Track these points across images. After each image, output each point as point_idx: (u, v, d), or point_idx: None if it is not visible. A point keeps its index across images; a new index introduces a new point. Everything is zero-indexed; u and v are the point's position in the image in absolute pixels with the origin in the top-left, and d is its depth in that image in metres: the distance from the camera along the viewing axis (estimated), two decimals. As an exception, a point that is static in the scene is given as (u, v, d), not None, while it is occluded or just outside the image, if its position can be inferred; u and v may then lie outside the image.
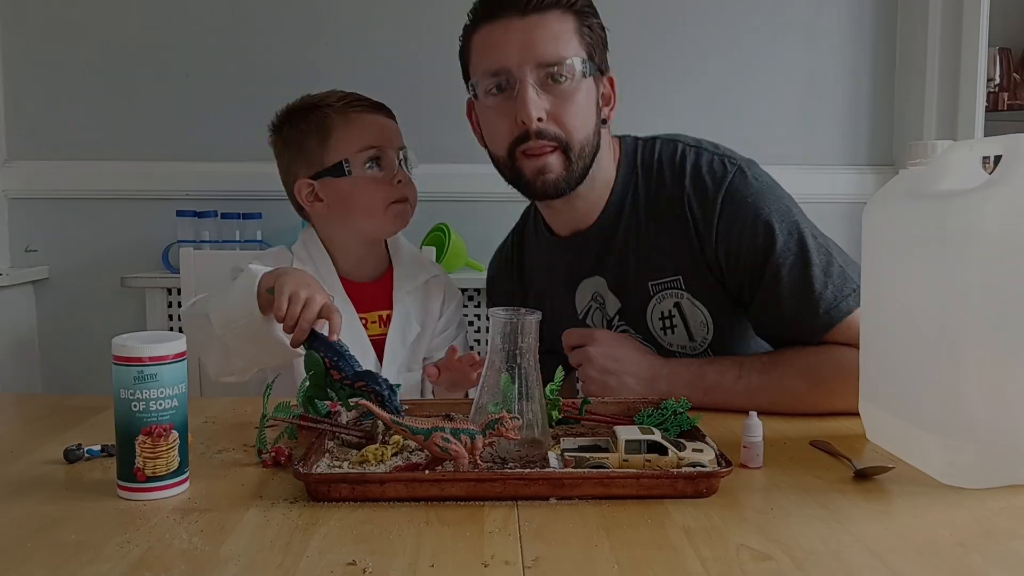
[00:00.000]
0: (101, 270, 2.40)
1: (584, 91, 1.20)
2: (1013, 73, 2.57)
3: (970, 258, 0.83)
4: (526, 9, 1.17)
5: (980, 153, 0.92)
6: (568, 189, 1.23)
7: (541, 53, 1.17)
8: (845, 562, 0.69)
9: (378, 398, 0.98)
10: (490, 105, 1.23)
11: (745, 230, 1.20)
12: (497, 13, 1.20)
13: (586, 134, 1.21)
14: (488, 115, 1.25)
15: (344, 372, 1.03)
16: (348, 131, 1.43)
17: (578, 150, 1.20)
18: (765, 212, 1.20)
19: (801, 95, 2.44)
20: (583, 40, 1.21)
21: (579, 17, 1.21)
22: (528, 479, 0.82)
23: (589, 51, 1.22)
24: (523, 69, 1.17)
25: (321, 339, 1.09)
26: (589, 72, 1.21)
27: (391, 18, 2.38)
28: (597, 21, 1.25)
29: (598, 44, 1.24)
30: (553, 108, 1.18)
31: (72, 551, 0.71)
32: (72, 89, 2.39)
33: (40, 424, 1.13)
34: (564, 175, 1.21)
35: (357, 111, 1.44)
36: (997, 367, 0.84)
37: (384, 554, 0.70)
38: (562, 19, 1.19)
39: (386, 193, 1.43)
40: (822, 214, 2.48)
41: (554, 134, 1.19)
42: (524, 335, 0.94)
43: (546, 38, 1.17)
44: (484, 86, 1.22)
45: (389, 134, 1.46)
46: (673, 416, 1.01)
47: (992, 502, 0.82)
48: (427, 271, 1.57)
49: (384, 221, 1.46)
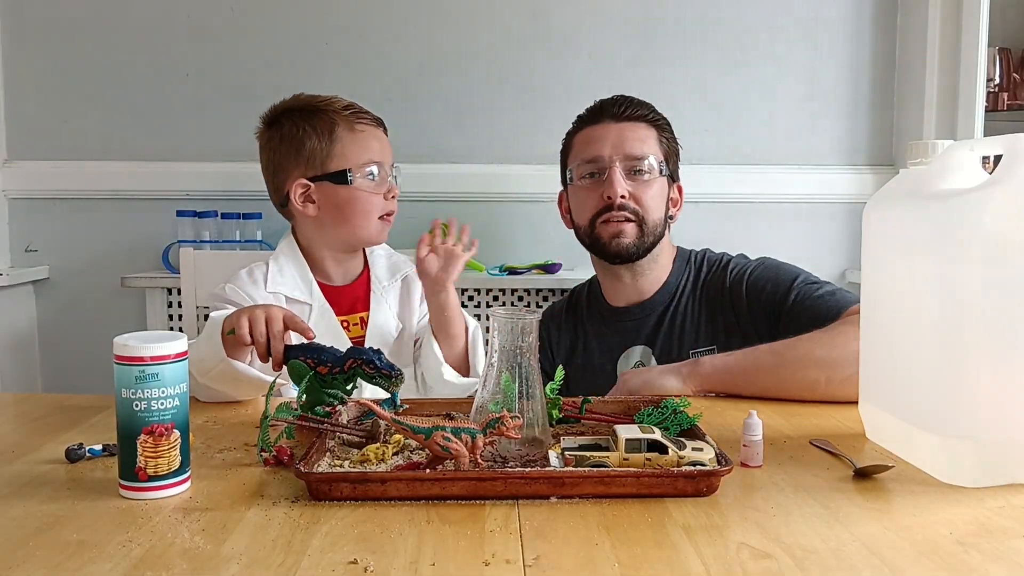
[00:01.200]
0: (101, 270, 2.40)
1: (658, 185, 1.51)
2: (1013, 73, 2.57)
3: (970, 258, 0.83)
4: (620, 117, 1.51)
5: (980, 153, 0.92)
6: (638, 255, 1.50)
7: (629, 149, 1.49)
8: (845, 561, 0.69)
9: (371, 366, 1.01)
10: (583, 186, 1.52)
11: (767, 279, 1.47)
12: (598, 118, 1.53)
13: (658, 216, 1.50)
14: (579, 194, 1.54)
15: (330, 363, 1.04)
16: (355, 143, 1.48)
17: (651, 226, 1.49)
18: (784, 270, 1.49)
19: (801, 95, 2.44)
20: (661, 147, 1.53)
21: (660, 130, 1.54)
22: (529, 478, 0.82)
23: (666, 156, 1.53)
24: (613, 159, 1.48)
25: (295, 347, 1.10)
26: (664, 172, 1.51)
27: (391, 18, 2.38)
28: (672, 136, 1.56)
29: (672, 154, 1.55)
30: (634, 190, 1.48)
31: (74, 550, 0.71)
32: (72, 89, 2.39)
33: (41, 424, 1.13)
34: (636, 242, 1.49)
35: (363, 124, 1.50)
36: (997, 367, 0.84)
37: (385, 553, 0.70)
38: (647, 128, 1.52)
39: (380, 206, 1.50)
40: (822, 214, 2.51)
41: (633, 208, 1.48)
42: (525, 335, 0.94)
43: (634, 139, 1.50)
44: (580, 171, 1.53)
45: (387, 151, 1.52)
46: (673, 415, 1.01)
47: (992, 501, 0.82)
48: (404, 268, 1.62)
49: (374, 232, 1.52)
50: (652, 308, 1.53)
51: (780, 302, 1.42)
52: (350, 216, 1.48)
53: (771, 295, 1.44)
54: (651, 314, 1.53)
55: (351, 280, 1.56)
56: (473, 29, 2.37)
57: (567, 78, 2.39)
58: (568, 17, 2.39)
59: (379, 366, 1.02)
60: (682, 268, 1.56)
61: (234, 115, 2.37)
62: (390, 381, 1.03)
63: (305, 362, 1.06)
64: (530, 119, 2.40)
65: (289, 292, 1.50)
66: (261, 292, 1.48)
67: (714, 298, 1.50)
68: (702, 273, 1.54)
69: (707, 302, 1.51)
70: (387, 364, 1.02)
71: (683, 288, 1.54)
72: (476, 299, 2.32)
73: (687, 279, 1.54)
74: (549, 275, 2.28)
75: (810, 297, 1.40)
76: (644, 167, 1.48)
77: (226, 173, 2.36)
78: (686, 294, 1.53)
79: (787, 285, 1.43)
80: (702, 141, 2.41)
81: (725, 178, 2.40)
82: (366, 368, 1.02)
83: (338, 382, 1.04)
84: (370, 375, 1.03)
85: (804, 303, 1.39)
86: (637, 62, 2.39)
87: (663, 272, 1.55)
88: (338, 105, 1.49)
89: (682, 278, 1.55)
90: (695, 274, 1.55)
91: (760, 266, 1.50)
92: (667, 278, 1.55)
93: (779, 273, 1.47)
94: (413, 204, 2.36)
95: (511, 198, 2.41)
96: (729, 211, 2.42)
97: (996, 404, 0.84)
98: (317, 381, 1.05)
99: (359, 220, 1.49)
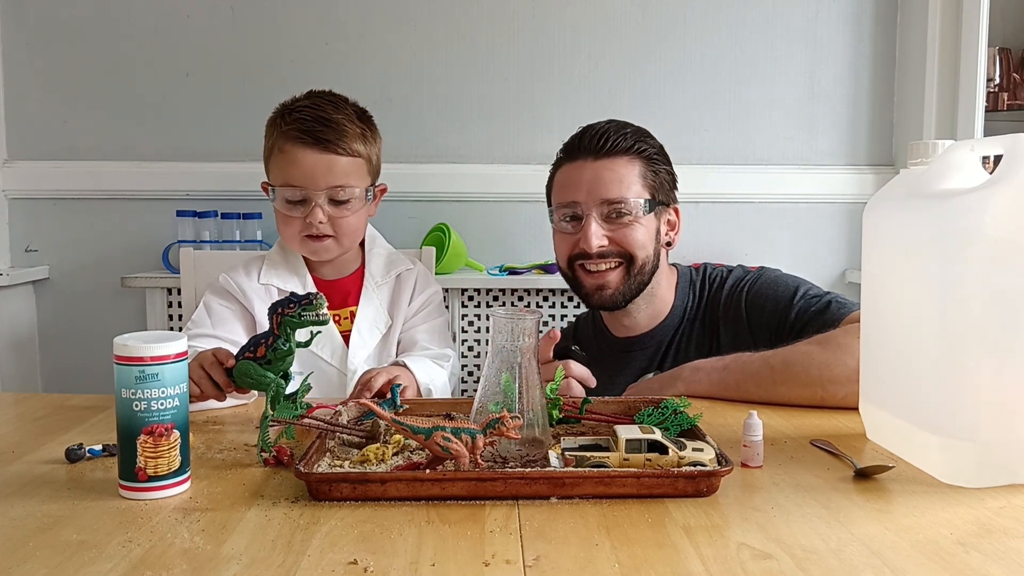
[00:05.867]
0: (101, 270, 2.40)
1: (642, 225, 1.41)
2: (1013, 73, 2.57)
3: (970, 258, 0.83)
4: (599, 153, 1.40)
5: (980, 153, 0.92)
6: (624, 302, 1.44)
7: (605, 193, 1.39)
8: (845, 561, 0.69)
9: (291, 307, 0.97)
10: (563, 229, 1.45)
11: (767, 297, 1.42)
12: (575, 155, 1.43)
13: (646, 254, 1.42)
14: (558, 237, 1.48)
15: (262, 340, 1.01)
16: (278, 161, 1.47)
17: (639, 265, 1.41)
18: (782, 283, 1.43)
19: (801, 95, 2.44)
20: (646, 182, 1.42)
21: (646, 162, 1.43)
22: (529, 478, 0.82)
23: (652, 191, 1.43)
24: (589, 205, 1.39)
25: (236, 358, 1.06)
26: (646, 211, 1.41)
27: (392, 18, 2.38)
28: (663, 166, 1.46)
29: (662, 185, 1.45)
30: (614, 235, 1.40)
31: (74, 550, 0.71)
32: (72, 89, 2.39)
33: (41, 424, 1.13)
34: (621, 289, 1.42)
35: (293, 144, 1.44)
36: (997, 367, 0.84)
37: (385, 553, 0.70)
38: (628, 163, 1.41)
39: (300, 227, 1.47)
40: (822, 214, 2.51)
41: (617, 252, 1.40)
42: (524, 335, 0.94)
43: (612, 180, 1.39)
44: (558, 214, 1.45)
45: (316, 176, 1.44)
46: (673, 415, 1.01)
47: (992, 502, 0.82)
48: (400, 266, 1.61)
49: (299, 249, 1.52)
50: (661, 336, 1.49)
51: (782, 318, 1.39)
52: (280, 227, 1.51)
53: (771, 313, 1.40)
54: (660, 342, 1.49)
55: (344, 275, 1.58)
56: (473, 29, 2.37)
57: (567, 78, 2.39)
58: (568, 17, 2.39)
59: (297, 300, 0.97)
60: (686, 292, 1.51)
61: (234, 115, 2.37)
62: (313, 307, 0.98)
63: (243, 357, 1.02)
64: (530, 119, 2.40)
65: (281, 284, 1.52)
66: (253, 283, 1.52)
67: (715, 317, 1.47)
68: (705, 293, 1.50)
69: (709, 322, 1.48)
70: (301, 296, 0.98)
71: (690, 313, 1.49)
72: (476, 299, 2.32)
73: (692, 304, 1.50)
74: (549, 275, 2.28)
75: (810, 312, 1.36)
76: (625, 209, 1.39)
77: (226, 173, 2.36)
78: (692, 319, 1.49)
79: (787, 301, 1.39)
80: (702, 141, 2.41)
81: (725, 178, 2.40)
82: (288, 311, 0.98)
83: (280, 350, 1.00)
84: (296, 316, 0.98)
85: (805, 317, 1.36)
86: (637, 62, 2.39)
87: (664, 303, 1.49)
88: (291, 118, 1.45)
89: (687, 302, 1.50)
90: (698, 297, 1.50)
91: (759, 280, 1.45)
92: (672, 304, 1.50)
93: (777, 289, 1.42)
94: (413, 204, 2.37)
95: (511, 198, 2.41)
96: (729, 211, 2.42)
97: (996, 404, 0.84)
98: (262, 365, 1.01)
99: (284, 233, 1.51)
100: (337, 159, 1.44)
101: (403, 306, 1.58)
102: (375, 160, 1.53)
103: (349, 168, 1.46)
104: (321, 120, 1.44)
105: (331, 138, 1.43)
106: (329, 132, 1.43)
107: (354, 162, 1.47)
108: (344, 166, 1.45)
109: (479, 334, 2.32)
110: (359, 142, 1.47)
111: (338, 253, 1.52)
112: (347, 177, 1.46)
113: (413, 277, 1.60)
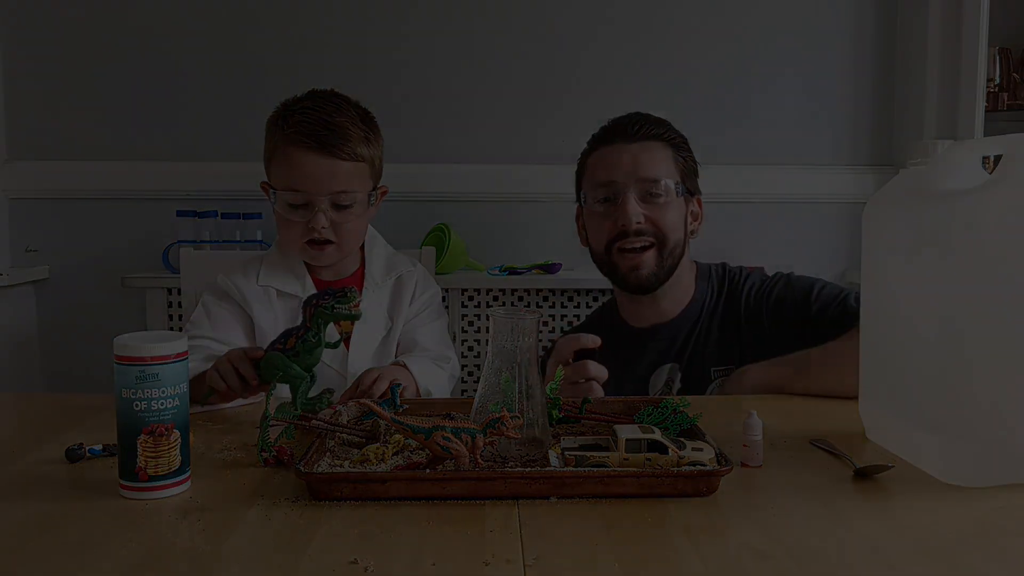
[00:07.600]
0: (101, 270, 2.40)
1: (675, 207, 1.46)
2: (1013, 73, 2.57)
3: (970, 258, 0.83)
4: (634, 137, 1.46)
5: (980, 153, 0.92)
6: (656, 284, 1.46)
7: (643, 172, 1.44)
8: (845, 560, 0.69)
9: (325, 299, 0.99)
10: (598, 211, 1.47)
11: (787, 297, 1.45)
12: (611, 139, 1.48)
13: (677, 237, 1.46)
14: (594, 219, 1.49)
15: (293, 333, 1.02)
16: (280, 164, 1.44)
17: (670, 248, 1.45)
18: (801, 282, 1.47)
19: (801, 95, 2.44)
20: (677, 166, 1.48)
21: (675, 149, 1.49)
22: (529, 478, 0.82)
23: (682, 175, 1.48)
24: (627, 183, 1.43)
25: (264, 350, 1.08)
26: (680, 192, 1.46)
27: (392, 19, 2.38)
28: (689, 154, 1.52)
29: (689, 172, 1.51)
30: (650, 214, 1.44)
31: (74, 550, 0.71)
32: (72, 89, 2.39)
33: (41, 424, 1.13)
34: (655, 271, 1.45)
35: (296, 147, 1.41)
36: (997, 367, 0.84)
37: (385, 553, 0.70)
38: (662, 148, 1.47)
39: (301, 232, 1.44)
40: (822, 214, 2.51)
41: (651, 232, 1.44)
42: (524, 335, 0.94)
43: (648, 161, 1.45)
44: (594, 195, 1.48)
45: (318, 181, 1.41)
46: (673, 415, 1.01)
47: (992, 501, 0.82)
48: (400, 267, 1.59)
49: (299, 254, 1.50)
50: (680, 327, 1.50)
51: (803, 313, 1.41)
52: (280, 230, 1.49)
53: (793, 310, 1.43)
54: (679, 333, 1.50)
55: (344, 276, 1.55)
56: (474, 29, 2.37)
57: (568, 78, 2.40)
58: (569, 17, 2.39)
59: (331, 293, 0.99)
60: (705, 285, 1.53)
61: (234, 115, 2.37)
62: (347, 300, 0.99)
63: (274, 351, 1.04)
64: (530, 119, 2.40)
65: (280, 286, 1.50)
66: (251, 285, 1.49)
67: (734, 316, 1.48)
68: (724, 289, 1.52)
69: (728, 320, 1.49)
70: (336, 290, 0.99)
71: (709, 306, 1.51)
72: (476, 299, 2.32)
73: (711, 297, 1.52)
74: (549, 275, 2.28)
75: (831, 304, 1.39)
76: (659, 190, 1.44)
77: (226, 173, 2.36)
78: (711, 312, 1.51)
79: (807, 296, 1.42)
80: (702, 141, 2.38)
81: (725, 178, 2.40)
82: (321, 304, 0.99)
83: (309, 343, 1.01)
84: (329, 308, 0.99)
85: (826, 312, 1.39)
86: (637, 62, 2.40)
87: (685, 292, 1.51)
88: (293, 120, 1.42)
89: (707, 296, 1.52)
90: (717, 291, 1.52)
91: (779, 283, 1.48)
92: (692, 296, 1.52)
93: (795, 290, 1.45)
94: (413, 204, 2.37)
95: (511, 198, 2.41)
96: (729, 211, 2.42)
97: (996, 404, 0.84)
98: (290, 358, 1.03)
99: (284, 237, 1.49)
100: (340, 164, 1.42)
101: (403, 308, 1.56)
102: (378, 163, 1.51)
103: (352, 173, 1.44)
104: (324, 123, 1.40)
105: (335, 142, 1.40)
106: (333, 136, 1.40)
107: (357, 166, 1.44)
108: (347, 171, 1.43)
109: (479, 334, 2.32)
110: (362, 146, 1.44)
111: (339, 258, 1.51)
112: (350, 182, 1.43)
113: (413, 279, 1.59)
